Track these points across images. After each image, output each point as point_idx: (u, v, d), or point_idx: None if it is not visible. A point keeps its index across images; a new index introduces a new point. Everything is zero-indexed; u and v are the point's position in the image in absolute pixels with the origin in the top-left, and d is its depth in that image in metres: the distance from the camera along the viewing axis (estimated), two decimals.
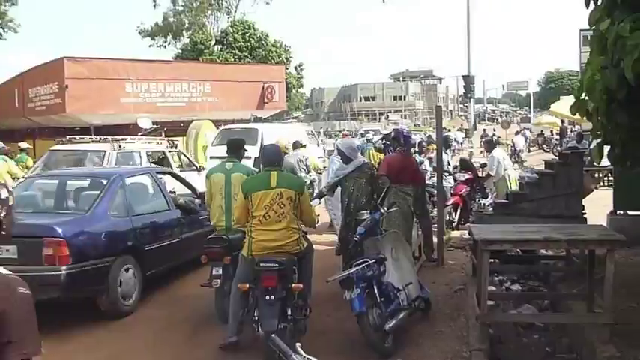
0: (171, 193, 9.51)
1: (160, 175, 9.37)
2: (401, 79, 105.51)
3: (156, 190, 8.91)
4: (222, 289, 6.62)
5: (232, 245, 6.54)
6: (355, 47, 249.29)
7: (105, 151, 13.19)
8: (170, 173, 10.59)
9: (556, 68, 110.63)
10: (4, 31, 36.41)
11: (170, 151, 15.38)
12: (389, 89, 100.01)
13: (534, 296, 7.44)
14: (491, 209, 9.15)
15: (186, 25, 61.96)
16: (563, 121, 35.91)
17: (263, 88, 32.40)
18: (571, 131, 34.92)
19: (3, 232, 2.36)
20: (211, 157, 16.16)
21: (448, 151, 15.65)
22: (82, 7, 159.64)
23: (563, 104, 17.94)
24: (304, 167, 12.59)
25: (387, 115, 79.37)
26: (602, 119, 4.69)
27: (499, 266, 8.06)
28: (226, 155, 7.50)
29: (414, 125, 62.03)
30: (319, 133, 41.04)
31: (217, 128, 24.81)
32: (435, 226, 9.88)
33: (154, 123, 24.38)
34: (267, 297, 5.43)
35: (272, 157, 6.17)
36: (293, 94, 60.70)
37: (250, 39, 54.65)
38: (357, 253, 6.76)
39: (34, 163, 14.97)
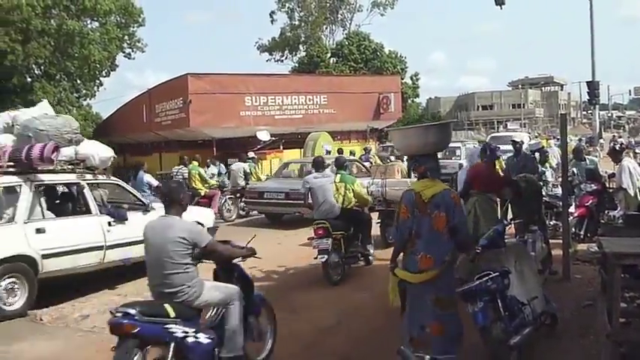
0: None
1: None
2: (520, 86, 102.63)
3: None
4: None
5: None
6: (471, 56, 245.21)
7: None
8: None
9: None
10: (132, 51, 38.41)
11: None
12: (507, 97, 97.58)
13: None
14: (621, 221, 8.60)
15: (303, 38, 62.94)
16: None
17: (379, 99, 32.46)
18: None
19: None
20: None
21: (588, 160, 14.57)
22: (198, 27, 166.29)
23: None
24: None
25: (506, 124, 77.25)
26: None
27: (631, 282, 7.61)
28: None
29: (536, 135, 59.67)
30: None
31: (334, 139, 25.00)
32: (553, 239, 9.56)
33: (272, 135, 25.00)
34: None
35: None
36: (409, 104, 60.25)
37: (365, 50, 54.71)
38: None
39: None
